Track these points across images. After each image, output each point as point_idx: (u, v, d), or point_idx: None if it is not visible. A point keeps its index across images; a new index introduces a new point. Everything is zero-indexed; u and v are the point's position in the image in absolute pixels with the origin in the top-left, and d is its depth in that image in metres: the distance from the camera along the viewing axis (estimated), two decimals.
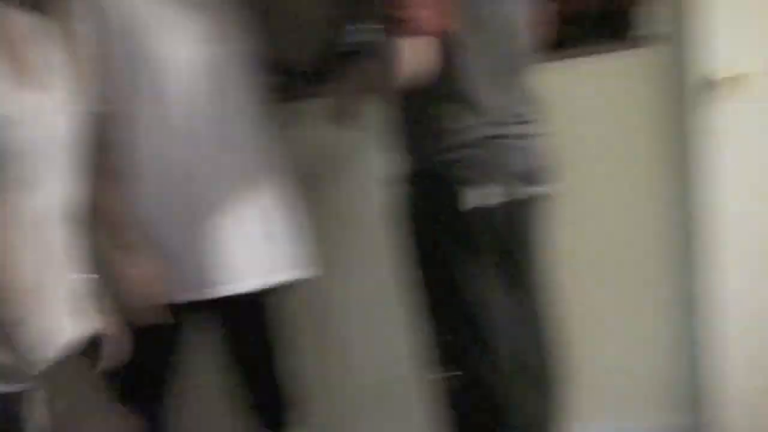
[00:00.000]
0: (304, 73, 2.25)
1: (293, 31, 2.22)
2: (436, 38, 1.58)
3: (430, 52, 1.58)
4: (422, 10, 1.55)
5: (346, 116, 1.86)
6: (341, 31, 2.16)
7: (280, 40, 2.17)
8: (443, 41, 1.62)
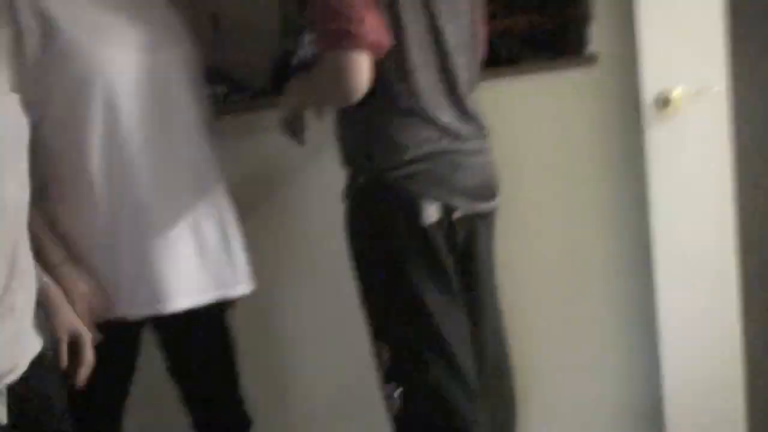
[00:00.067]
0: (256, 84, 2.22)
1: (245, 40, 2.19)
2: (375, 53, 1.59)
3: (368, 67, 1.58)
4: (362, 25, 1.55)
5: (294, 129, 1.85)
6: (294, 42, 2.15)
7: (231, 50, 2.16)
8: (392, 57, 1.62)
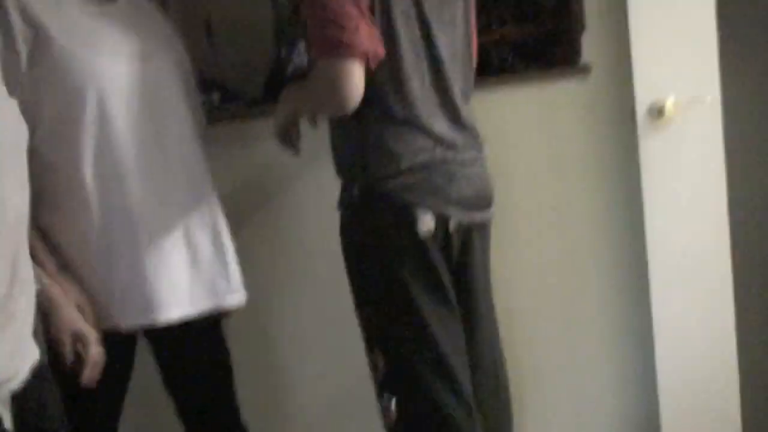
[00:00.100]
0: (250, 92, 2.21)
1: (238, 48, 2.19)
2: (369, 62, 1.58)
3: (362, 76, 1.58)
4: (356, 34, 1.55)
5: (288, 137, 1.84)
6: (288, 49, 2.15)
7: (224, 57, 2.16)
8: (386, 66, 1.62)
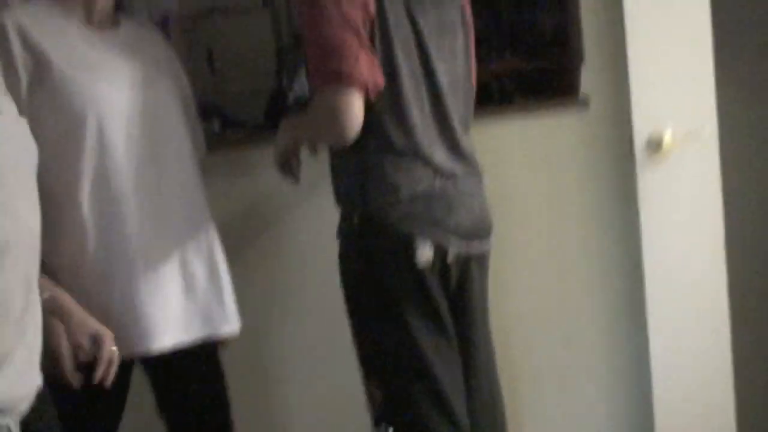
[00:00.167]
0: (250, 119, 2.22)
1: (239, 76, 2.19)
2: (369, 92, 1.58)
3: (361, 106, 1.57)
4: (356, 64, 1.54)
5: (288, 166, 1.84)
6: (289, 78, 2.18)
7: (225, 85, 2.16)
8: (385, 96, 1.62)
